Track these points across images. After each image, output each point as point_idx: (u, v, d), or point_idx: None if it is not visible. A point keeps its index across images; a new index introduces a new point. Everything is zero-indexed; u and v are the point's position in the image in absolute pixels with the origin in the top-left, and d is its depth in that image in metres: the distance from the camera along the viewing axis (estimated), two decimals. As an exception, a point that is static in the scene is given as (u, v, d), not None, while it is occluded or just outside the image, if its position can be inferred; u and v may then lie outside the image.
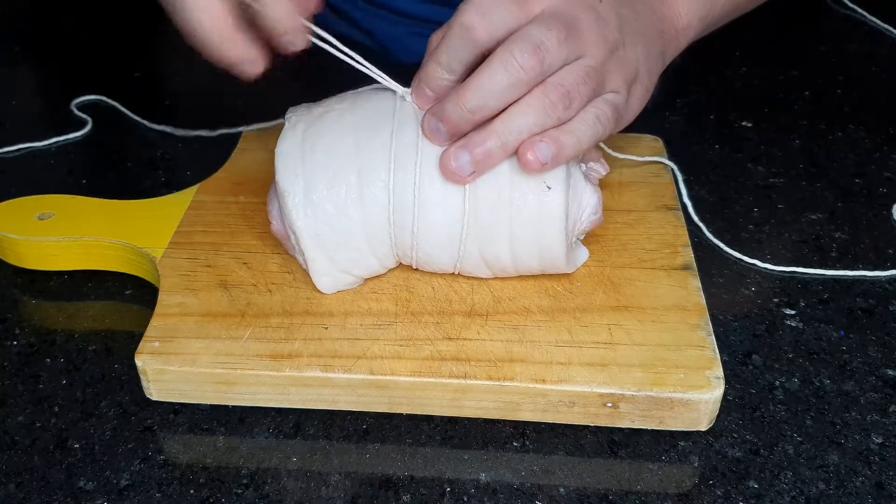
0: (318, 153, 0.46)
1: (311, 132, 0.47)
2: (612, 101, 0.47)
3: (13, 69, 0.81)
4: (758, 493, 0.42)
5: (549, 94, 0.44)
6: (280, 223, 0.48)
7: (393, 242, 0.47)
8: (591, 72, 0.45)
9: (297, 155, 0.47)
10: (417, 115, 0.47)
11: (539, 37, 0.43)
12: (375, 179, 0.46)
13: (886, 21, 0.85)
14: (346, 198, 0.46)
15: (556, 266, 0.48)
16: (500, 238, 0.46)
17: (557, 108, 0.44)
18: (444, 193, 0.46)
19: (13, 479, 0.43)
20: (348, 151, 0.46)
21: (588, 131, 0.45)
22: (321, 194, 0.46)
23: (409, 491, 0.42)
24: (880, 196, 0.62)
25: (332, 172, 0.46)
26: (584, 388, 0.43)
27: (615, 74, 0.47)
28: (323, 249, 0.47)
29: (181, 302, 0.48)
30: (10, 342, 0.51)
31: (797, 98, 0.74)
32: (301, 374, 0.44)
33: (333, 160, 0.46)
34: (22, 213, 0.55)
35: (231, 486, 0.42)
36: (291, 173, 0.46)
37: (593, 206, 0.48)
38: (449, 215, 0.46)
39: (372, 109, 0.48)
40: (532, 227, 0.46)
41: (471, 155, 0.44)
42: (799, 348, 0.50)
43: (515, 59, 0.43)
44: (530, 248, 0.47)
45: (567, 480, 0.43)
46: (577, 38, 0.45)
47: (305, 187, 0.46)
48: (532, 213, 0.46)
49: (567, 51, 0.44)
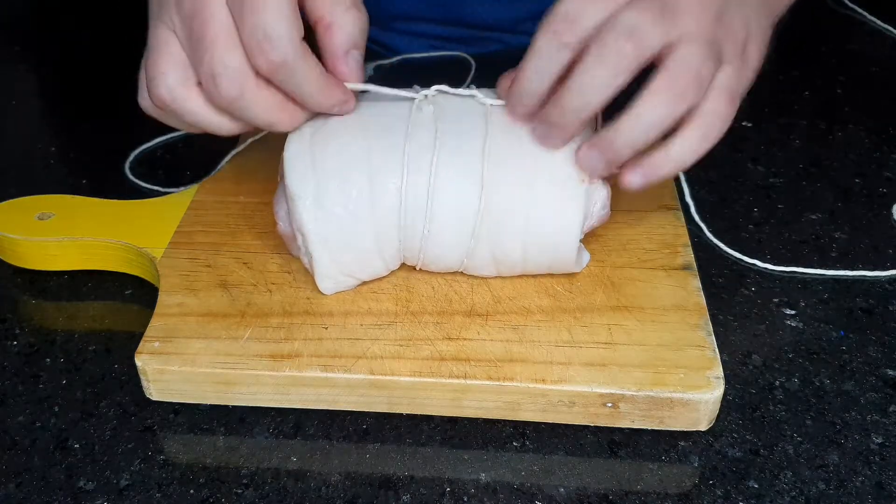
0: (329, 156, 0.46)
1: (321, 135, 0.47)
2: (726, 86, 0.44)
3: (13, 69, 0.81)
4: (758, 493, 0.42)
5: (678, 80, 0.42)
6: (287, 225, 0.48)
7: (402, 245, 0.47)
8: (704, 46, 0.42)
9: (307, 158, 0.46)
10: (434, 117, 0.46)
11: (631, 21, 0.41)
12: (387, 182, 0.46)
13: (886, 21, 0.85)
14: (357, 201, 0.46)
15: (566, 264, 0.48)
16: (514, 235, 0.46)
17: (687, 95, 0.42)
18: (458, 192, 0.46)
19: (13, 479, 0.43)
20: (359, 154, 0.46)
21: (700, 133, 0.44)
22: (332, 198, 0.46)
23: (409, 491, 0.42)
24: (880, 196, 0.62)
25: (343, 176, 0.46)
26: (584, 388, 0.43)
27: (727, 43, 0.44)
28: (330, 252, 0.47)
29: (181, 302, 0.48)
30: (10, 342, 0.51)
31: (797, 98, 0.74)
32: (301, 374, 0.44)
33: (345, 163, 0.46)
34: (22, 213, 0.55)
35: (231, 486, 0.42)
36: (302, 177, 0.46)
37: (602, 201, 0.48)
38: (462, 213, 0.46)
39: (381, 113, 0.47)
40: (548, 225, 0.46)
41: (603, 158, 0.45)
42: (799, 348, 0.50)
43: (610, 49, 0.41)
44: (544, 245, 0.47)
45: (567, 480, 0.43)
46: (674, 12, 0.42)
47: (316, 191, 0.46)
48: (549, 210, 0.46)
49: (665, 28, 0.42)
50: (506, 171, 0.46)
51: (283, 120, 0.45)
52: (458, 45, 0.77)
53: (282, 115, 0.45)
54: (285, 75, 0.43)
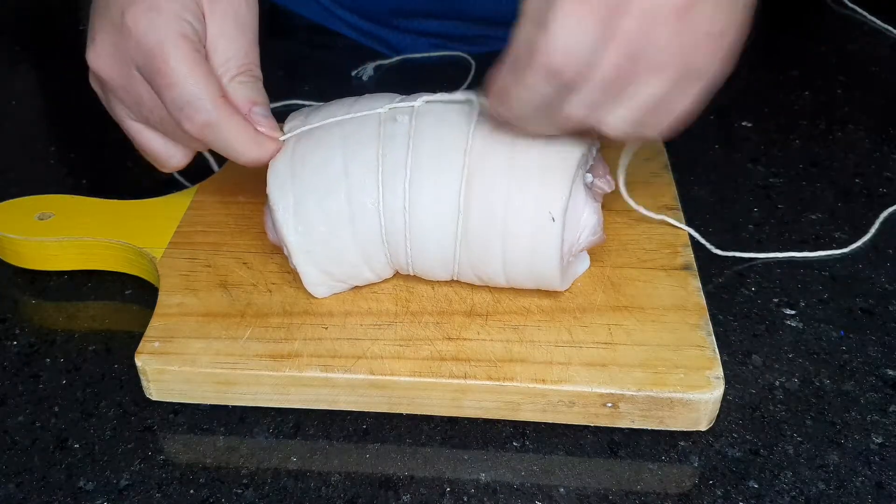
0: (307, 171, 0.46)
1: (301, 147, 0.46)
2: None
3: (13, 69, 0.81)
4: (758, 493, 0.42)
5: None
6: (275, 235, 0.48)
7: (388, 259, 0.47)
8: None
9: (286, 171, 0.46)
10: (408, 131, 0.46)
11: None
12: (365, 202, 0.45)
13: (886, 21, 0.85)
14: (337, 220, 0.45)
15: (551, 285, 0.47)
16: (494, 261, 0.46)
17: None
18: (434, 214, 0.45)
19: (13, 479, 0.43)
20: (337, 171, 0.45)
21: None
22: (312, 214, 0.45)
23: (409, 491, 0.42)
24: (880, 196, 0.62)
25: (321, 192, 0.45)
26: (584, 388, 0.43)
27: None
28: (316, 264, 0.47)
29: (181, 302, 0.48)
30: (10, 342, 0.51)
31: (797, 98, 0.74)
32: (301, 374, 0.44)
33: (322, 179, 0.45)
34: (22, 213, 0.55)
35: (231, 486, 0.42)
36: (281, 188, 0.46)
37: (592, 227, 0.47)
38: (441, 235, 0.45)
39: (362, 122, 0.47)
40: (526, 253, 0.45)
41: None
42: (799, 348, 0.50)
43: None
44: (523, 269, 0.46)
45: (567, 480, 0.43)
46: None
47: (295, 204, 0.46)
48: (526, 240, 0.45)
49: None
50: (483, 195, 0.44)
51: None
52: (459, 45, 0.77)
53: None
54: (213, 135, 0.44)
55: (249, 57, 0.47)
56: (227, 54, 0.46)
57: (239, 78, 0.46)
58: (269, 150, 0.46)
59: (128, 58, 0.44)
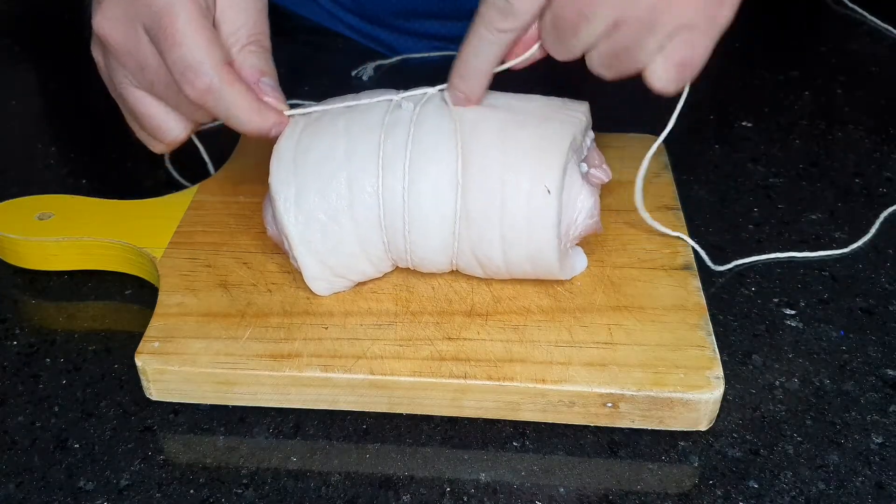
0: (311, 159, 0.46)
1: (307, 135, 0.47)
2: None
3: (13, 69, 0.81)
4: (758, 493, 0.42)
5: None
6: (274, 227, 0.48)
7: (386, 247, 0.47)
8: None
9: (290, 159, 0.46)
10: (411, 116, 0.46)
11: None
12: (365, 186, 0.46)
13: (886, 21, 0.85)
14: (336, 206, 0.46)
15: (550, 271, 0.48)
16: (492, 239, 0.46)
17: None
18: (433, 195, 0.45)
19: (13, 479, 0.43)
20: (339, 158, 0.46)
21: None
22: (312, 203, 0.46)
23: (409, 491, 0.42)
24: (880, 196, 0.62)
25: (323, 180, 0.46)
26: (584, 388, 0.43)
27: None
28: (315, 255, 0.47)
29: (181, 302, 0.48)
30: (10, 342, 0.51)
31: (797, 98, 0.74)
32: (301, 374, 0.44)
33: (324, 167, 0.46)
34: (22, 213, 0.55)
35: (231, 486, 0.42)
36: (283, 179, 0.46)
37: (588, 210, 0.47)
38: (440, 216, 0.46)
39: (366, 112, 0.47)
40: (523, 230, 0.46)
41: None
42: (799, 348, 0.50)
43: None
44: (521, 250, 0.46)
45: (567, 480, 0.43)
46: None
47: (297, 194, 0.46)
48: (523, 215, 0.45)
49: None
50: (480, 174, 0.45)
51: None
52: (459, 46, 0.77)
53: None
54: (214, 101, 0.44)
55: (259, 27, 0.47)
56: (236, 24, 0.46)
57: (249, 48, 0.46)
58: (270, 120, 0.46)
59: (136, 18, 0.44)
